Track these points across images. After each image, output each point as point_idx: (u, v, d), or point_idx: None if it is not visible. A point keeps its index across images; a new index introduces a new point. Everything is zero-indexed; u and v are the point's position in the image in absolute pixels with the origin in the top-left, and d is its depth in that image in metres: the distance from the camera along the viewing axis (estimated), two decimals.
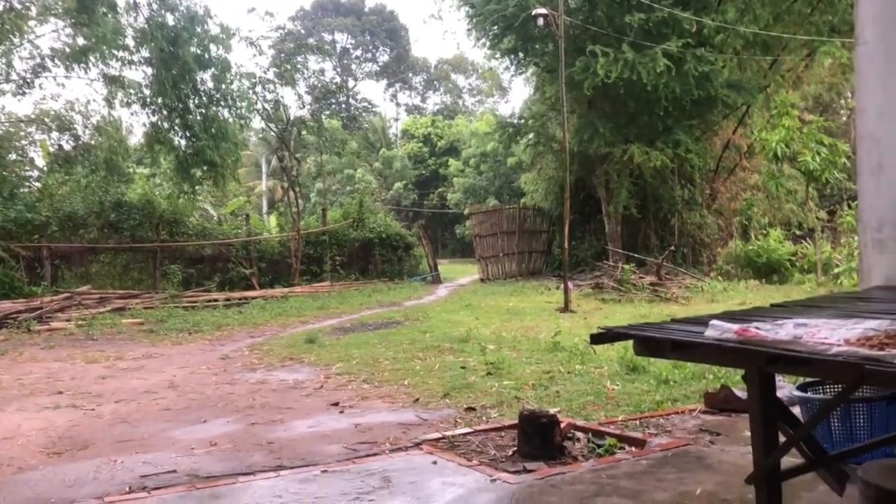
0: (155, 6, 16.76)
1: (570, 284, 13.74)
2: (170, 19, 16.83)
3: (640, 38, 16.95)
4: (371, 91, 69.30)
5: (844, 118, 25.96)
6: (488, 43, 20.34)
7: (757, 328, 2.67)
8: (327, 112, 22.48)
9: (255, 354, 9.26)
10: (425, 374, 7.29)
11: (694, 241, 20.31)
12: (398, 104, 57.07)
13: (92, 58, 17.04)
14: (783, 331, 2.63)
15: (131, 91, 17.75)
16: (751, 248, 18.78)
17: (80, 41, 16.83)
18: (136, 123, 40.03)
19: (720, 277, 17.59)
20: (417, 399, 6.18)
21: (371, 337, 10.22)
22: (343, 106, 48.74)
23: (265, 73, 20.18)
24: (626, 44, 16.84)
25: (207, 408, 6.24)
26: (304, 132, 21.61)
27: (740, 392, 4.95)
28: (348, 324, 12.06)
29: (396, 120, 53.20)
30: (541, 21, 15.28)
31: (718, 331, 2.83)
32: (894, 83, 4.58)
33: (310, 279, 19.16)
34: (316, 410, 6.00)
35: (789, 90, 19.74)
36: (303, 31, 48.72)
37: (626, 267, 15.98)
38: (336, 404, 6.15)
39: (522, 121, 23.11)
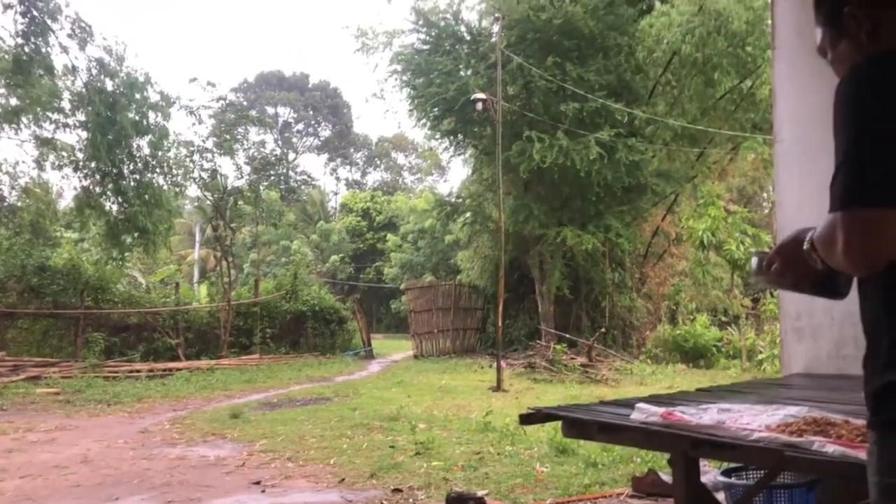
0: (94, 71, 16.62)
1: (503, 363, 13.75)
2: (109, 84, 16.69)
3: (574, 126, 17.62)
4: (312, 164, 69.74)
5: (767, 210, 27.15)
6: (429, 124, 20.78)
7: (682, 412, 2.71)
8: (266, 183, 22.39)
9: (175, 429, 8.90)
10: (352, 452, 7.11)
11: (624, 324, 20.67)
12: (338, 178, 57.35)
13: (24, 119, 16.70)
14: (707, 415, 2.67)
15: (64, 154, 17.38)
16: (678, 332, 19.20)
17: (14, 101, 16.51)
18: (66, 187, 39.06)
19: (649, 360, 17.87)
20: (343, 479, 6.01)
21: (298, 413, 9.95)
22: (282, 178, 48.66)
23: (204, 141, 20.12)
24: (561, 131, 17.46)
25: (122, 484, 5.93)
26: (240, 202, 21.44)
27: (666, 476, 4.97)
28: (275, 399, 11.74)
29: (336, 194, 53.38)
30: (480, 106, 15.75)
31: (644, 414, 2.86)
32: (810, 179, 4.84)
33: (238, 351, 18.69)
34: (236, 489, 5.76)
35: (715, 181, 20.65)
36: (245, 103, 48.83)
37: (558, 347, 16.11)
38: (258, 483, 5.93)
39: (460, 200, 23.48)
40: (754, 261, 1.60)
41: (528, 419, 3.14)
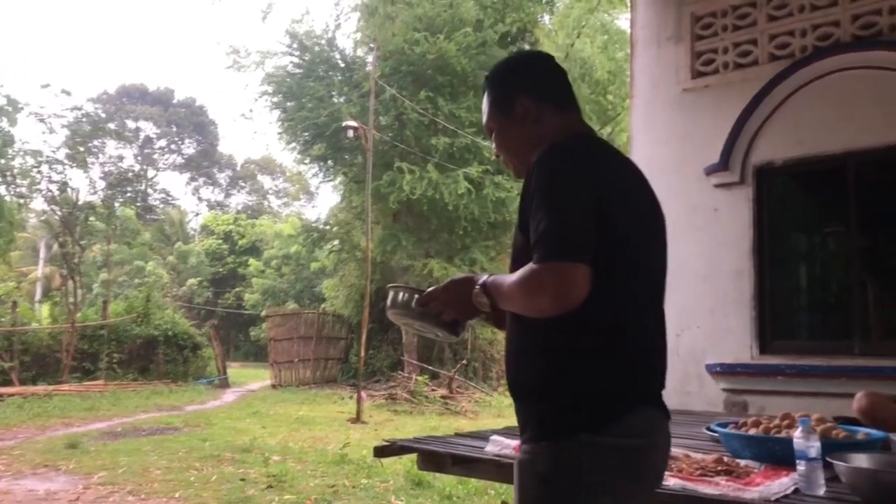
0: None
1: (364, 394, 13.59)
2: None
3: (444, 160, 17.91)
4: (173, 183, 66.86)
5: None
6: (298, 148, 20.51)
7: None
8: (121, 199, 21.28)
9: (1, 460, 8.15)
10: (200, 485, 6.75)
11: (485, 357, 20.98)
12: (200, 199, 55.34)
13: None
14: None
15: None
16: None
17: None
18: None
19: (507, 393, 18.17)
20: None
21: (144, 443, 9.38)
22: (140, 195, 46.47)
23: (54, 152, 18.90)
24: (431, 164, 17.69)
25: None
26: (92, 218, 20.23)
27: None
28: (119, 428, 11.03)
29: (197, 215, 51.41)
30: (351, 133, 15.72)
31: (498, 446, 2.87)
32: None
33: (81, 377, 17.47)
34: None
35: None
36: (103, 115, 46.48)
37: (420, 379, 16.12)
38: None
39: (328, 227, 23.22)
40: (391, 294, 1.75)
41: (383, 451, 3.09)
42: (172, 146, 54.25)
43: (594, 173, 1.55)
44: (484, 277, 1.62)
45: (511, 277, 1.55)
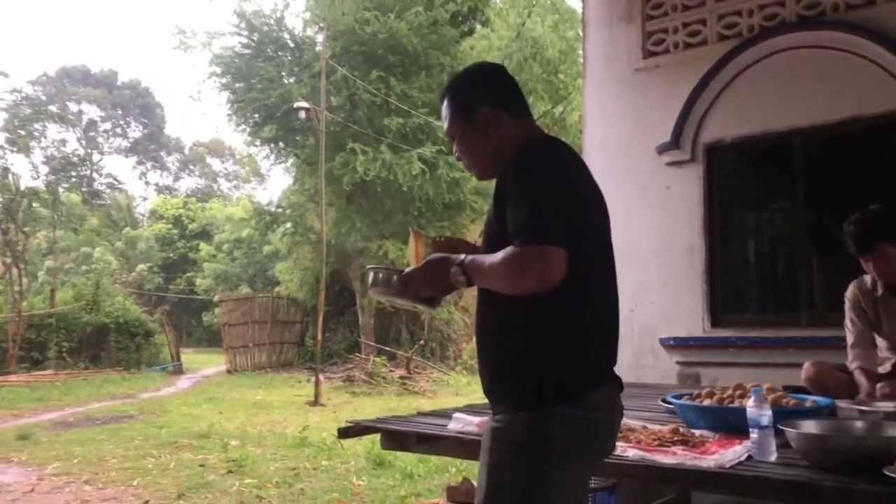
0: None
1: (321, 377, 13.56)
2: None
3: (398, 140, 17.82)
4: (119, 167, 65.34)
5: None
6: (248, 130, 20.16)
7: None
8: (66, 185, 20.65)
9: None
10: (158, 473, 6.69)
11: (442, 336, 21.09)
12: (147, 183, 54.13)
13: None
14: None
15: None
16: None
17: None
18: None
19: (465, 371, 18.34)
20: (147, 501, 5.64)
21: (98, 432, 9.24)
22: (85, 180, 45.27)
23: None
24: (384, 145, 17.59)
25: None
26: (35, 204, 19.67)
27: None
28: (72, 418, 10.83)
29: (145, 199, 50.24)
30: (302, 114, 15.54)
31: (461, 423, 2.92)
32: (613, 201, 5.17)
33: (30, 367, 17.09)
34: None
35: None
36: (44, 98, 45.10)
37: (378, 360, 16.14)
38: None
39: (280, 210, 22.96)
40: (371, 275, 1.87)
41: (345, 433, 3.11)
42: (118, 129, 52.84)
43: (565, 169, 1.73)
44: (462, 257, 1.76)
45: (493, 258, 1.68)
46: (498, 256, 1.66)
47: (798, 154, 5.00)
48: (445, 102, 1.98)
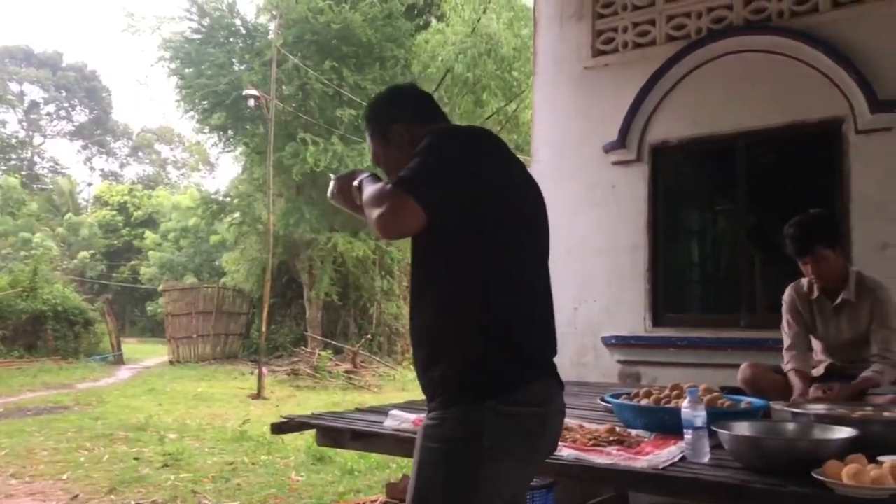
0: None
1: (265, 370, 13.36)
2: None
3: (350, 132, 17.65)
4: (63, 151, 63.48)
5: None
6: (197, 116, 19.74)
7: None
8: (4, 167, 19.94)
9: None
10: (90, 466, 6.49)
11: (390, 331, 21.01)
12: (93, 168, 52.64)
13: None
14: None
15: None
16: None
17: None
18: None
19: (411, 367, 18.27)
20: (76, 496, 5.45)
21: (29, 424, 8.92)
22: (26, 163, 43.89)
23: None
24: (336, 136, 17.40)
25: None
26: None
27: None
28: (2, 409, 10.45)
29: (90, 185, 48.85)
30: (252, 102, 15.27)
31: (397, 421, 2.86)
32: (562, 198, 5.19)
33: None
34: None
35: None
36: None
37: (323, 354, 15.99)
38: None
39: (228, 199, 22.57)
40: (332, 185, 1.94)
41: (280, 428, 3.05)
42: (62, 112, 51.22)
43: (460, 152, 1.72)
44: (363, 175, 1.83)
45: (372, 187, 1.72)
46: (376, 186, 1.71)
47: (742, 156, 5.06)
48: (367, 131, 2.05)
